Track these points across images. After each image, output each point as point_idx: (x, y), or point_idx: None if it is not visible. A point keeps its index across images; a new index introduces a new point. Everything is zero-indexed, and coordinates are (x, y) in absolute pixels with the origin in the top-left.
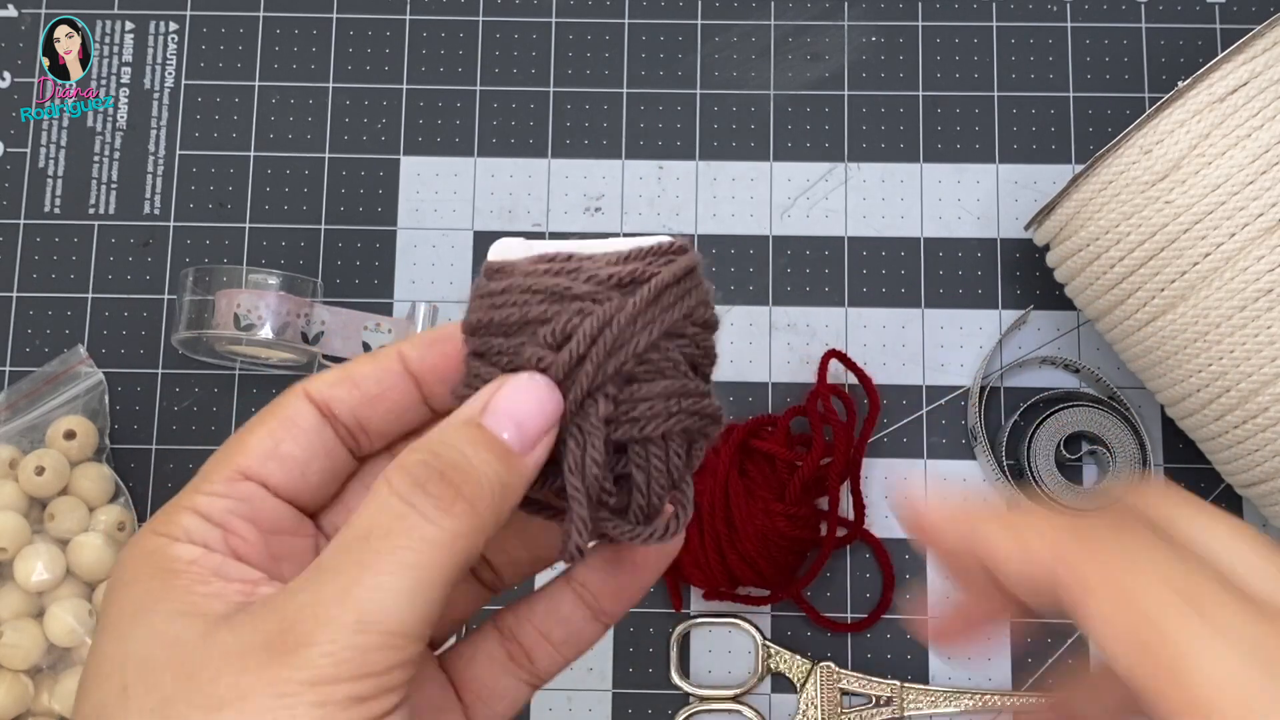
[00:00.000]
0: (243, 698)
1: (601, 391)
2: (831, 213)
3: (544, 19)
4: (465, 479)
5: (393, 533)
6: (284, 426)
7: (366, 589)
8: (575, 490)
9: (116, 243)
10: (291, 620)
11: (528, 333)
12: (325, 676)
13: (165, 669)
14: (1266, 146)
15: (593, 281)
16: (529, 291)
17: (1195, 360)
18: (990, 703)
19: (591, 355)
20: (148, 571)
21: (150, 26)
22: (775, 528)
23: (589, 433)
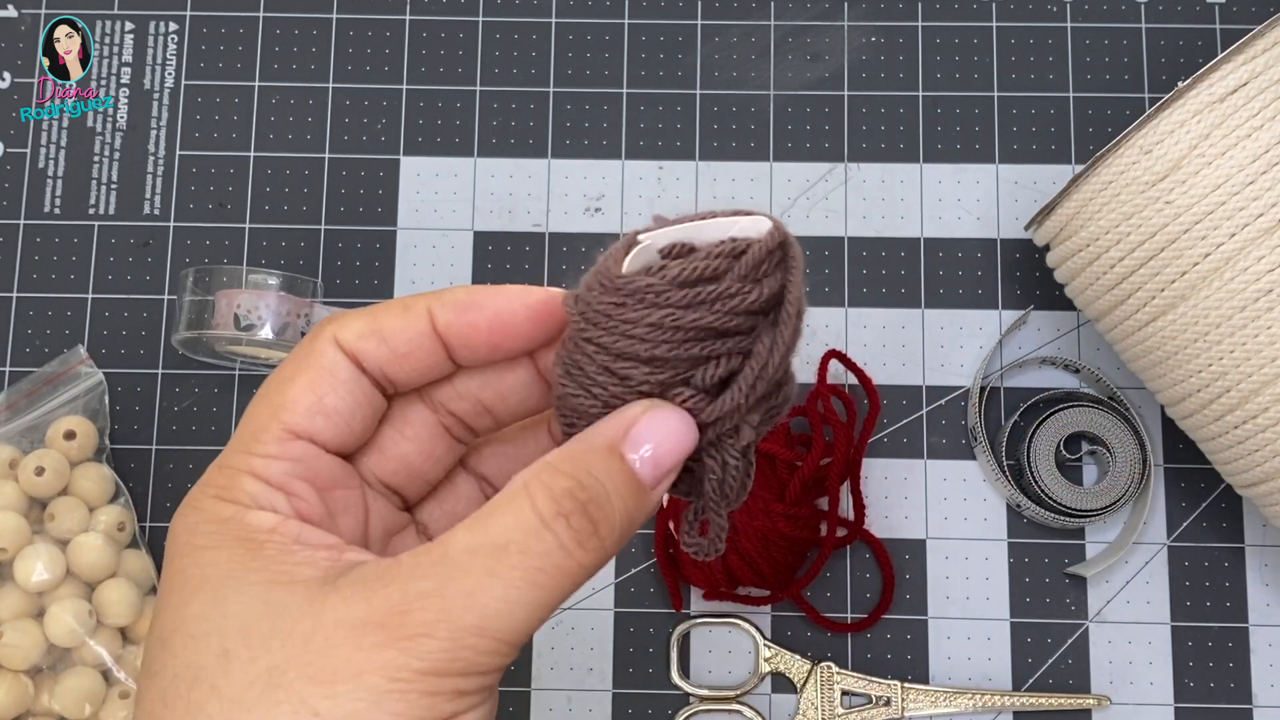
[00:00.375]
0: (357, 675)
1: (747, 420)
2: (831, 213)
3: (544, 19)
4: (604, 517)
5: (529, 553)
6: (324, 379)
7: (493, 599)
8: (717, 508)
9: (116, 243)
10: (411, 607)
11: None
12: (439, 669)
13: (272, 636)
14: (1266, 146)
15: (737, 312)
16: (681, 329)
17: (1195, 360)
18: (990, 703)
19: (751, 393)
20: (229, 539)
21: (150, 27)
22: (775, 528)
23: (730, 457)
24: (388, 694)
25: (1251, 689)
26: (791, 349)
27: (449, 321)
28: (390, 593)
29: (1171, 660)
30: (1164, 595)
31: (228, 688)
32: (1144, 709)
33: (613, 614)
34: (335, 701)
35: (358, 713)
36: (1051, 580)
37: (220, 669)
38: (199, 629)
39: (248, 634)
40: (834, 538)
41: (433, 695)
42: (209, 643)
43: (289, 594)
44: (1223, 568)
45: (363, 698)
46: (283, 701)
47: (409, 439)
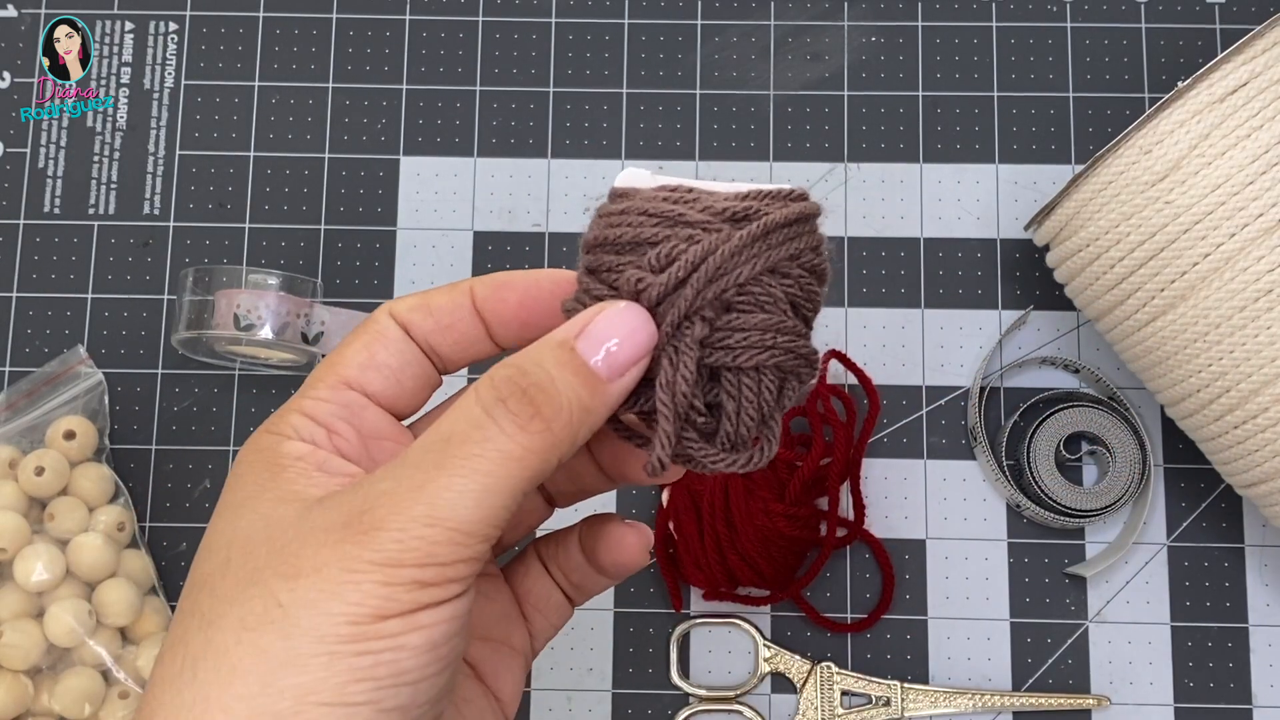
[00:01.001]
0: (317, 569)
1: (699, 314)
2: (831, 213)
3: (544, 19)
4: (546, 399)
5: (469, 440)
6: (377, 339)
7: (439, 488)
8: (664, 406)
9: (116, 243)
10: (370, 505)
11: (638, 253)
12: (392, 560)
13: (262, 544)
14: (1266, 146)
15: (707, 212)
16: (645, 214)
17: (1195, 360)
18: (989, 703)
19: (692, 280)
20: (260, 465)
21: (150, 26)
22: (775, 528)
23: (682, 352)
24: (344, 584)
25: (1251, 689)
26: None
27: (485, 296)
28: (356, 496)
29: (1171, 660)
30: (1164, 595)
31: (220, 587)
32: (1144, 709)
33: (612, 614)
34: (296, 593)
35: (315, 601)
36: (1051, 580)
37: (220, 574)
38: (213, 544)
39: (246, 545)
40: (834, 538)
41: (389, 585)
42: (217, 556)
43: (287, 509)
44: (1223, 568)
45: (321, 588)
46: (254, 596)
47: None
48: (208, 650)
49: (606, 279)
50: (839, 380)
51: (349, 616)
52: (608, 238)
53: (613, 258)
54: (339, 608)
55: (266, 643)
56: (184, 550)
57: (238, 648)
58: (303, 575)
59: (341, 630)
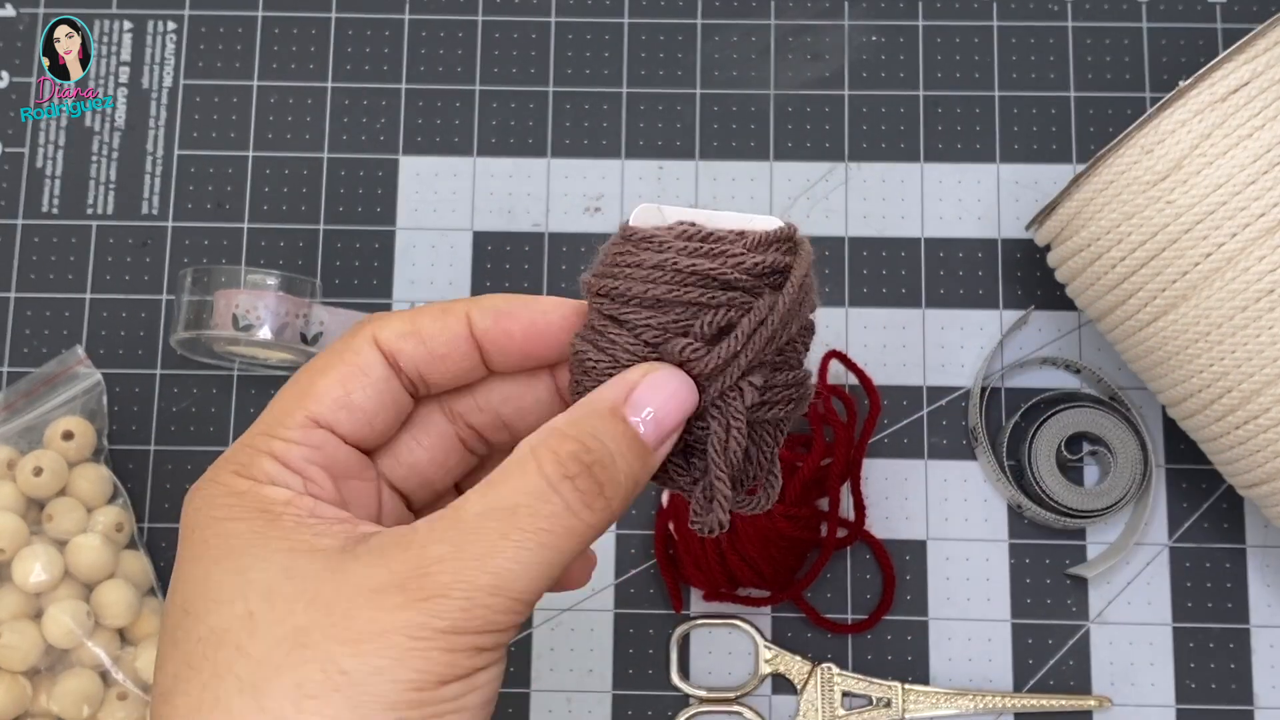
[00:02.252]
0: (381, 634)
1: (749, 380)
2: (832, 213)
3: (543, 18)
4: (609, 478)
5: (538, 515)
6: (355, 376)
7: (506, 560)
8: (719, 469)
9: (115, 243)
10: (429, 570)
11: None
12: (457, 627)
13: (296, 599)
14: (1268, 146)
15: (739, 270)
16: (682, 272)
17: (1197, 361)
18: (991, 704)
19: (747, 348)
20: (246, 511)
21: (149, 26)
22: (775, 528)
23: (733, 418)
24: (410, 651)
25: (1253, 690)
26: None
27: (486, 327)
28: (408, 558)
29: (1173, 661)
30: (1165, 596)
31: (253, 648)
32: (1145, 710)
33: (612, 615)
34: (361, 660)
35: (383, 669)
36: (1052, 581)
37: (245, 630)
38: (223, 594)
39: (271, 597)
40: (834, 538)
41: (452, 652)
42: (233, 607)
43: (310, 561)
44: (1224, 569)
45: (387, 655)
46: (310, 660)
47: (424, 447)
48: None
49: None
50: (840, 380)
51: (414, 683)
52: (634, 292)
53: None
54: (405, 675)
55: (333, 711)
56: None
57: (300, 716)
58: (365, 640)
59: (408, 696)
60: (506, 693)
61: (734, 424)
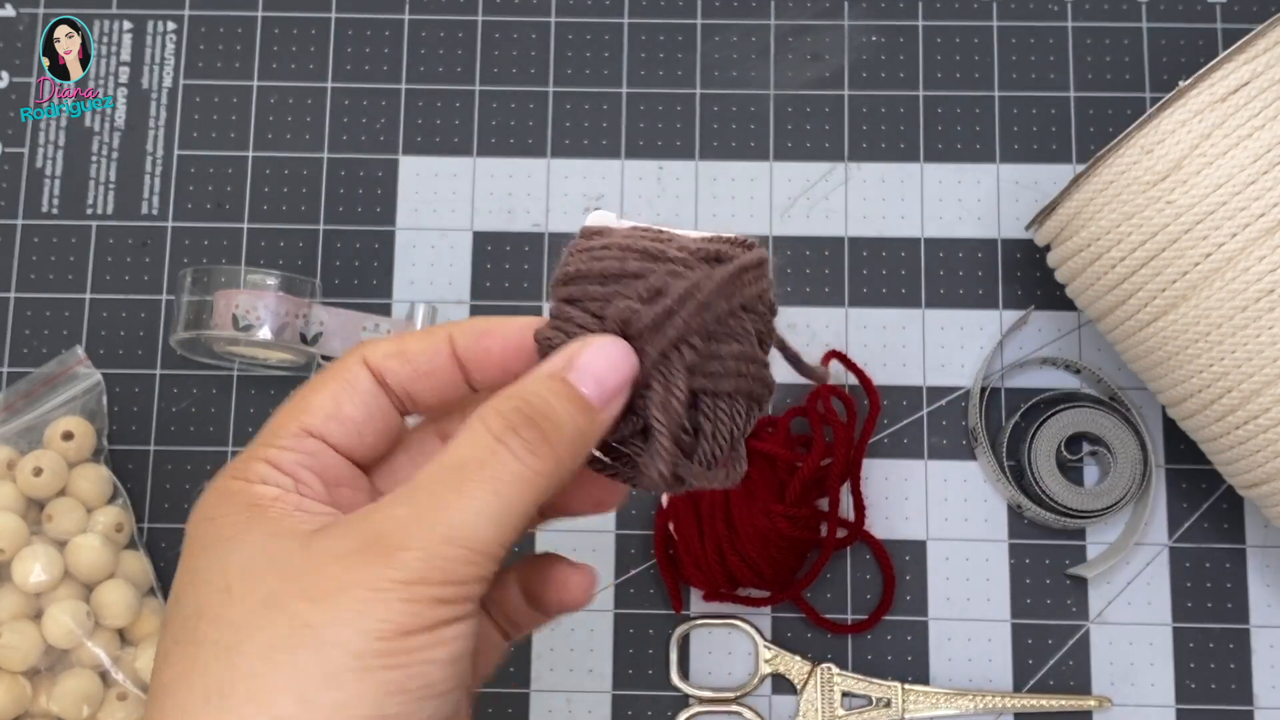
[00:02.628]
0: (343, 589)
1: (686, 342)
2: (831, 213)
3: (543, 18)
4: (552, 427)
5: (485, 465)
6: (345, 390)
7: (457, 510)
8: (659, 424)
9: (114, 243)
10: (387, 530)
11: (622, 284)
12: (415, 578)
13: (268, 572)
14: (1268, 146)
15: (684, 251)
16: (626, 249)
17: (1197, 361)
18: (990, 704)
19: (683, 311)
20: (234, 506)
21: (148, 26)
22: (775, 529)
23: (673, 376)
24: (370, 602)
25: (1253, 690)
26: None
27: (467, 345)
28: (370, 524)
29: (1173, 661)
30: (1165, 596)
31: (229, 615)
32: (1145, 710)
33: (612, 615)
34: (326, 613)
35: (347, 620)
36: (1052, 581)
37: (223, 602)
38: (202, 577)
39: (247, 574)
40: (834, 538)
41: (413, 602)
42: (213, 585)
43: (286, 540)
44: (1224, 569)
45: (350, 608)
46: (279, 619)
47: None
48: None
49: (590, 308)
50: (839, 381)
51: (377, 632)
52: (590, 270)
53: (596, 288)
54: (368, 624)
55: (301, 661)
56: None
57: (271, 670)
58: (328, 596)
59: (373, 645)
60: (507, 693)
61: (671, 380)
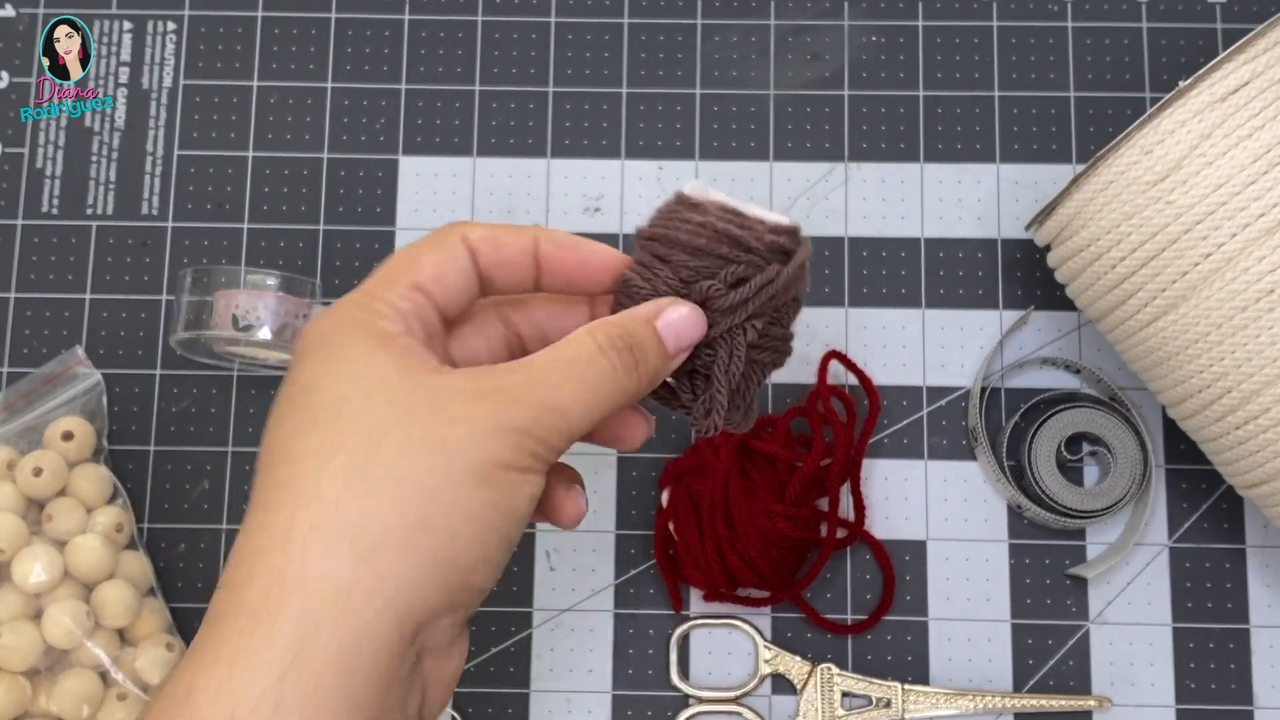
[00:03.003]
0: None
1: (752, 323)
2: (831, 213)
3: (543, 18)
4: (642, 358)
5: (591, 365)
6: (450, 260)
7: (564, 393)
8: (719, 381)
9: (114, 243)
10: (508, 385)
11: (709, 260)
12: (525, 429)
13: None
14: (1268, 146)
15: (761, 243)
16: (718, 232)
17: (1197, 361)
18: (990, 704)
19: (754, 301)
20: (361, 333)
21: (149, 26)
22: (775, 529)
23: (736, 348)
24: (491, 435)
25: (1253, 690)
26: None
27: (548, 252)
28: (490, 378)
29: (1173, 661)
30: (1165, 596)
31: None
32: (1145, 710)
33: (612, 615)
34: (456, 431)
35: (471, 441)
36: (1052, 581)
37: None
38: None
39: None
40: (834, 539)
41: (517, 447)
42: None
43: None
44: (1224, 569)
45: (475, 434)
46: (415, 425)
47: (483, 339)
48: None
49: (680, 274)
50: (839, 381)
51: (491, 460)
52: (681, 239)
53: (687, 257)
54: (485, 453)
55: (431, 463)
56: (182, 551)
57: (405, 460)
58: (460, 422)
59: (485, 469)
60: (506, 692)
61: (735, 353)
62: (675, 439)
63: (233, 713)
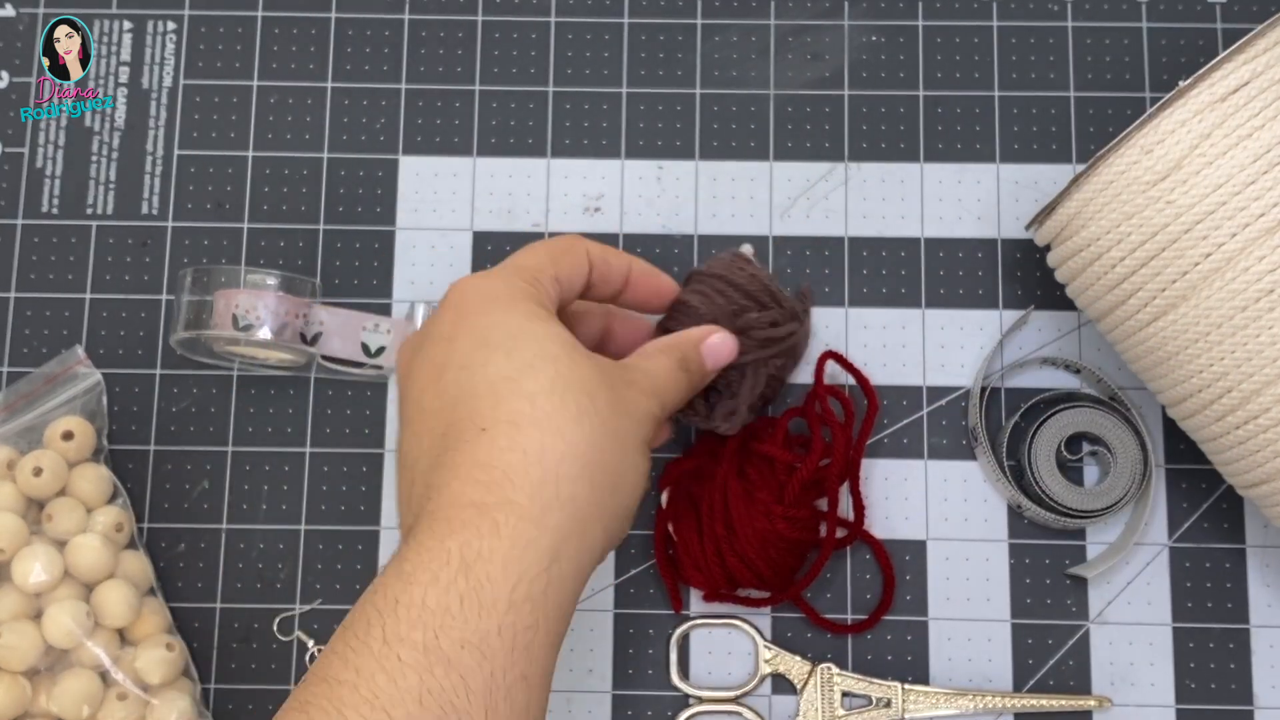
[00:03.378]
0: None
1: (775, 360)
2: (831, 213)
3: (543, 18)
4: (693, 371)
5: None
6: (579, 266)
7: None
8: (743, 399)
9: (114, 243)
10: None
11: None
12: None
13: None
14: (1268, 146)
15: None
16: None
17: (1196, 361)
18: (990, 704)
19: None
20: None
21: (148, 26)
22: (775, 530)
23: (759, 378)
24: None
25: (1253, 690)
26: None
27: (638, 276)
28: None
29: (1173, 661)
30: (1165, 596)
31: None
32: (1145, 710)
33: (612, 615)
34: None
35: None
36: (1052, 581)
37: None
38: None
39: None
40: (833, 539)
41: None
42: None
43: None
44: (1224, 569)
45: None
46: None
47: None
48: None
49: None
50: (838, 381)
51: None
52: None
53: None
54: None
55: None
56: (182, 551)
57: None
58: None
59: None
60: None
61: (758, 378)
62: (675, 441)
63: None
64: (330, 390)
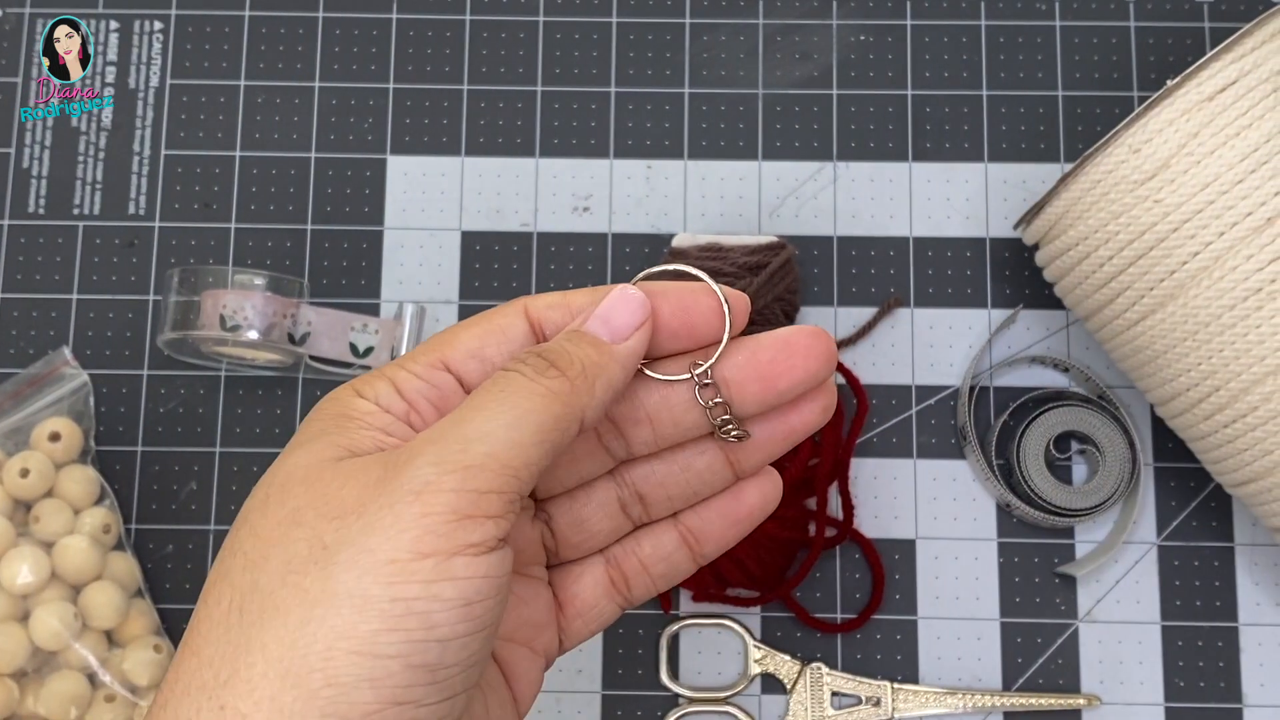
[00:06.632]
0: (360, 508)
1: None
2: (820, 212)
3: (531, 17)
4: (558, 356)
5: (495, 384)
6: (494, 334)
7: (473, 422)
8: None
9: (101, 243)
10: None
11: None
12: (429, 486)
13: (300, 483)
14: (1255, 145)
15: (734, 265)
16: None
17: (1184, 359)
18: (980, 703)
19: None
20: (329, 414)
21: (135, 26)
22: (764, 529)
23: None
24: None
25: (1241, 688)
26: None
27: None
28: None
29: (1161, 659)
30: (1154, 594)
31: (260, 526)
32: (1134, 708)
33: None
34: (340, 532)
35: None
36: (1041, 580)
37: (259, 512)
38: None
39: (285, 485)
40: (823, 538)
41: (426, 515)
42: (259, 493)
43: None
44: (1212, 567)
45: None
46: (299, 539)
47: None
48: (254, 592)
49: None
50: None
51: (388, 554)
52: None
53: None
54: (377, 543)
55: (308, 584)
56: (170, 552)
57: (282, 590)
58: (346, 515)
59: (380, 569)
60: None
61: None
62: None
63: None
64: (319, 391)
